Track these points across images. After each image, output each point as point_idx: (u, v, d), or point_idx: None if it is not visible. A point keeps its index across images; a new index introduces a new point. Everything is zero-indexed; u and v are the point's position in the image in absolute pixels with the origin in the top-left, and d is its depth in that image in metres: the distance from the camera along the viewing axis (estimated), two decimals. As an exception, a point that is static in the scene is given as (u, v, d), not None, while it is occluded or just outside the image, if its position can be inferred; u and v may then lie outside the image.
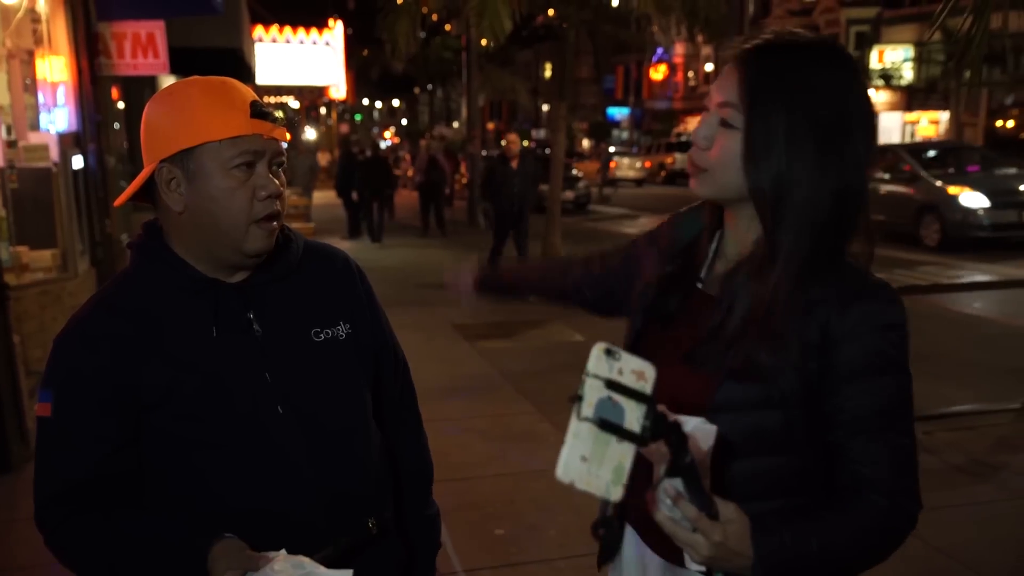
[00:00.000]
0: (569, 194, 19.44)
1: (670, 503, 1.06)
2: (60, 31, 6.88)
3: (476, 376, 6.24)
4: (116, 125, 9.36)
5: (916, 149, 15.07)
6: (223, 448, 1.34)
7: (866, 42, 34.27)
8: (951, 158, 14.54)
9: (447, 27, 25.01)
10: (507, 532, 3.77)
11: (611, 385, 0.98)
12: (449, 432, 4.86)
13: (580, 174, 22.57)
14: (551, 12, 13.24)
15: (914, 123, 34.27)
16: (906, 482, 1.21)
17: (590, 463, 0.96)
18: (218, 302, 1.35)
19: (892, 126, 34.89)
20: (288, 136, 1.37)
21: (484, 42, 11.51)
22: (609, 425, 0.97)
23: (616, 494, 0.97)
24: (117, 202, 1.42)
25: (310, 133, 37.56)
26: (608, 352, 0.99)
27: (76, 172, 6.91)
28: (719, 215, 1.35)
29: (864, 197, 1.24)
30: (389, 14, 13.58)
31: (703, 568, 1.13)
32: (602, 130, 45.16)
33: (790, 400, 1.20)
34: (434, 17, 17.00)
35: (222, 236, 1.32)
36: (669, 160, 34.14)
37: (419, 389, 1.71)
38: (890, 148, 15.61)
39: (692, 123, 45.56)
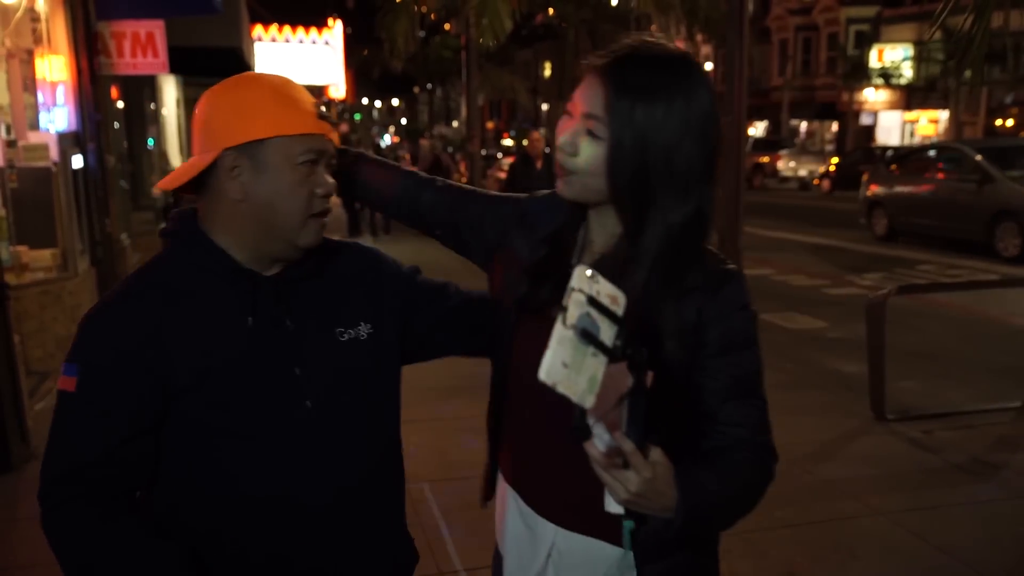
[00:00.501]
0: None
1: (608, 437, 1.11)
2: (60, 30, 6.88)
3: (477, 375, 6.25)
4: (116, 124, 9.36)
5: (987, 148, 13.13)
6: (249, 439, 1.34)
7: (866, 41, 34.29)
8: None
9: (446, 26, 25.01)
10: (507, 531, 3.78)
11: (591, 302, 1.07)
12: (449, 432, 4.85)
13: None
14: (551, 11, 13.25)
15: (913, 122, 34.29)
16: (767, 438, 1.34)
17: (570, 369, 1.04)
18: (256, 292, 1.37)
19: (891, 125, 34.93)
20: (338, 141, 1.42)
21: (483, 41, 11.51)
22: (588, 336, 1.05)
23: (589, 402, 1.05)
24: (170, 184, 1.40)
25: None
26: (589, 274, 1.08)
27: (76, 171, 6.91)
28: (583, 206, 1.41)
29: (713, 201, 1.34)
30: (388, 13, 13.59)
31: (620, 511, 1.18)
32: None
33: (669, 377, 1.28)
34: (433, 16, 17.01)
35: (278, 228, 1.35)
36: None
37: (419, 389, 1.73)
38: (946, 147, 14.88)
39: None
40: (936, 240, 12.94)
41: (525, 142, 11.04)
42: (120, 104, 10.13)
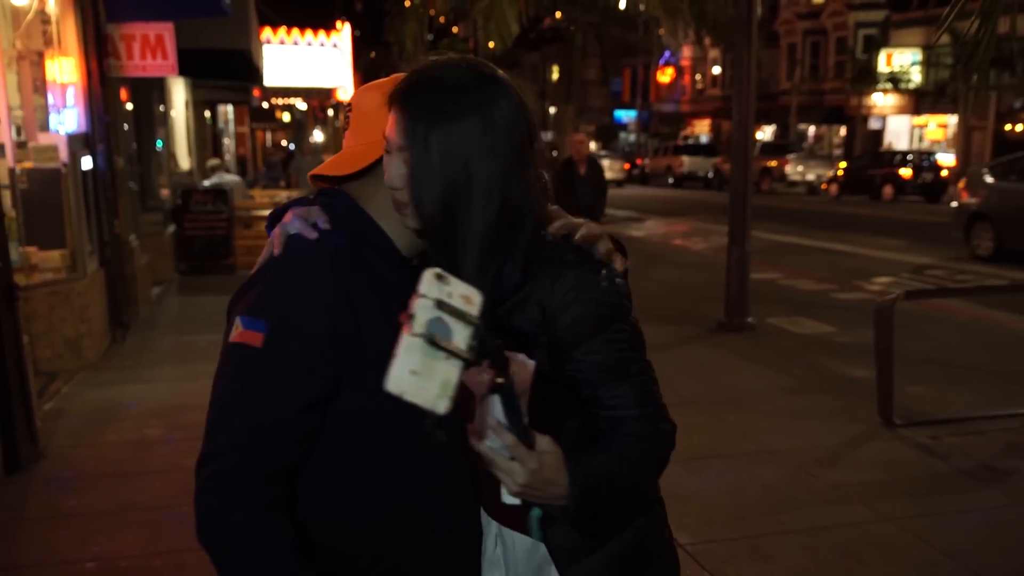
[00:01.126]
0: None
1: (492, 433, 1.12)
2: (70, 32, 6.91)
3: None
4: (125, 126, 9.39)
5: None
6: (385, 427, 1.30)
7: (874, 45, 34.21)
8: None
9: (454, 29, 25.05)
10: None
11: (441, 305, 1.05)
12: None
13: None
14: (558, 15, 13.26)
15: (922, 127, 34.19)
16: (655, 408, 1.35)
17: (419, 376, 1.03)
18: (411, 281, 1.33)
19: (900, 129, 34.83)
20: None
21: (491, 44, 11.53)
22: (434, 342, 1.04)
23: (442, 406, 1.05)
24: (345, 168, 1.39)
25: (317, 135, 37.63)
26: (439, 276, 1.06)
27: (85, 173, 6.94)
28: None
29: (527, 185, 1.34)
30: (397, 17, 13.64)
31: (516, 502, 1.19)
32: (609, 132, 45.14)
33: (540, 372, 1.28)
34: (441, 20, 17.04)
35: (386, 227, 1.36)
36: (679, 163, 34.10)
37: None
38: None
39: (699, 126, 45.56)
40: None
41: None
42: (129, 106, 10.17)
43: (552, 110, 43.47)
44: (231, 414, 1.24)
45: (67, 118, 6.75)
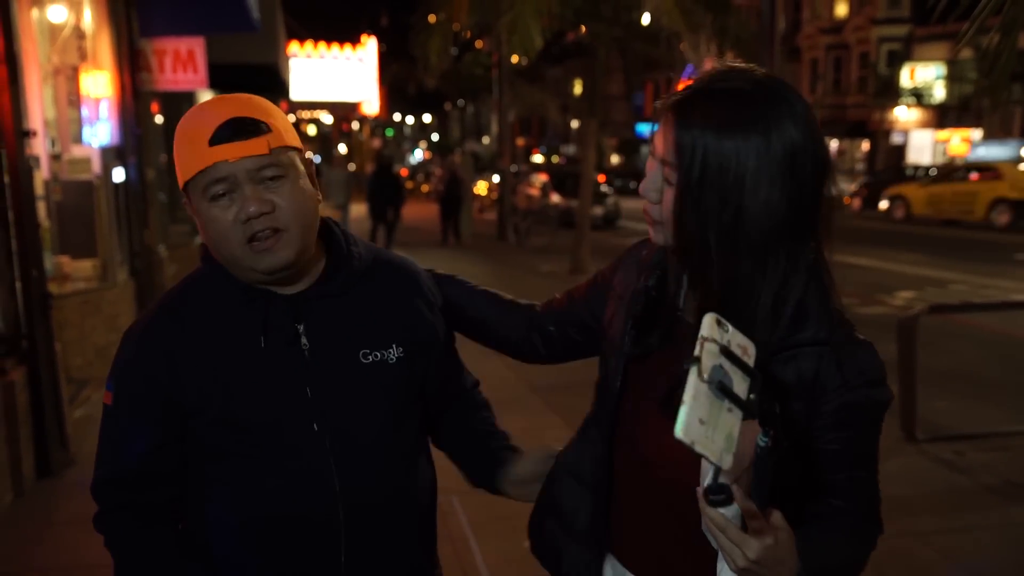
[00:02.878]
0: (598, 210, 19.49)
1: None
2: (104, 47, 7.06)
3: (504, 388, 6.28)
4: (155, 139, 9.56)
5: None
6: (250, 459, 1.37)
7: (897, 60, 34.02)
8: None
9: (478, 44, 25.21)
10: (536, 544, 3.80)
11: (724, 352, 1.00)
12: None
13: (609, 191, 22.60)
14: (582, 29, 13.32)
15: (945, 141, 33.93)
16: (876, 510, 1.30)
17: (707, 427, 0.96)
18: (268, 312, 1.37)
19: (923, 144, 34.57)
20: (266, 147, 1.29)
21: (515, 59, 11.61)
22: (725, 390, 0.98)
23: (727, 462, 0.98)
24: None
25: (342, 148, 37.88)
26: (719, 322, 1.01)
27: (117, 185, 7.07)
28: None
29: (814, 239, 1.22)
30: (422, 31, 13.75)
31: None
32: (630, 146, 45.14)
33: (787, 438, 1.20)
34: (466, 34, 17.16)
35: (228, 260, 1.34)
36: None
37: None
38: None
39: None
40: None
41: None
42: (160, 119, 10.34)
43: (575, 124, 43.58)
44: (104, 461, 1.45)
45: (100, 131, 6.89)
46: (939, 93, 33.17)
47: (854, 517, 1.26)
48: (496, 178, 22.48)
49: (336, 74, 20.95)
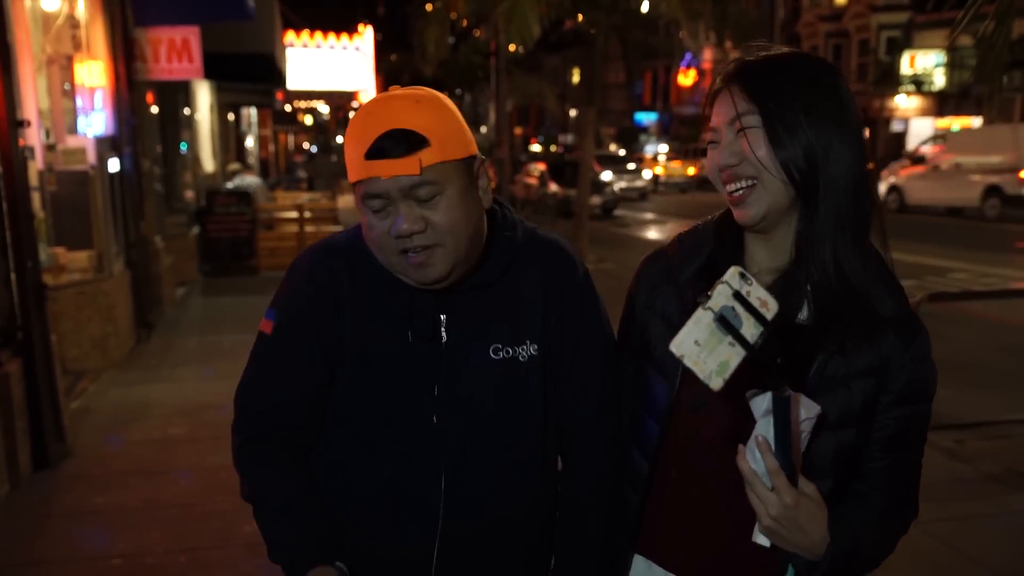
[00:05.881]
0: (597, 199, 19.46)
1: (758, 454, 1.13)
2: (98, 37, 7.00)
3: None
4: (151, 129, 9.51)
5: None
6: (367, 441, 1.38)
7: (897, 47, 33.93)
8: None
9: (476, 32, 25.13)
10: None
11: (738, 296, 1.11)
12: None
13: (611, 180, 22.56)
14: (580, 17, 13.26)
15: (946, 129, 33.89)
16: (915, 496, 1.34)
17: (701, 348, 1.09)
18: (413, 306, 1.37)
19: (923, 132, 34.52)
20: (417, 167, 1.26)
21: (512, 47, 11.56)
22: (726, 324, 1.10)
23: (716, 384, 1.10)
24: None
25: (340, 139, 37.84)
26: (742, 275, 1.12)
27: (112, 175, 7.03)
28: (733, 242, 1.37)
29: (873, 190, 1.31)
30: (419, 20, 13.70)
31: (766, 543, 1.18)
32: (629, 135, 45.07)
33: (859, 412, 1.28)
34: (463, 23, 17.10)
35: (384, 263, 1.34)
36: (698, 166, 33.95)
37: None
38: None
39: (720, 128, 45.24)
40: None
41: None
42: (155, 109, 10.28)
43: (573, 113, 43.49)
44: (254, 392, 1.44)
45: (95, 121, 6.84)
46: (939, 80, 33.10)
47: (890, 502, 1.29)
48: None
49: (333, 63, 20.86)
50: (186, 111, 12.86)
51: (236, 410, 1.45)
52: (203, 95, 14.40)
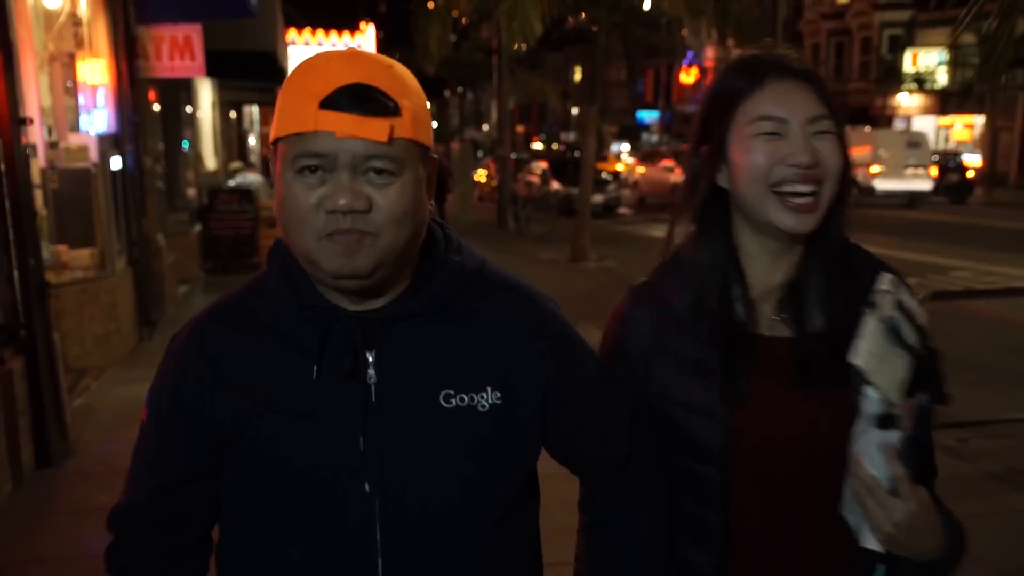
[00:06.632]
0: (599, 197, 19.46)
1: (880, 459, 1.10)
2: (100, 34, 7.01)
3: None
4: (153, 127, 9.52)
5: None
6: (278, 513, 1.12)
7: (899, 45, 33.88)
8: None
9: (478, 30, 25.12)
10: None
11: (899, 305, 1.12)
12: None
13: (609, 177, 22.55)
14: (582, 15, 13.25)
15: (948, 127, 33.83)
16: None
17: (879, 359, 1.09)
18: (328, 332, 1.09)
19: (925, 130, 34.51)
20: (386, 133, 1.02)
21: (515, 45, 11.55)
22: (895, 333, 1.10)
23: (896, 396, 1.10)
24: None
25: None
26: (894, 282, 1.14)
27: (114, 173, 7.03)
28: (722, 266, 1.29)
29: None
30: (420, 18, 13.69)
31: (878, 547, 1.14)
32: (631, 133, 45.04)
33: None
34: (464, 20, 17.09)
35: (296, 248, 1.08)
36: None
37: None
38: None
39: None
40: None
41: None
42: (157, 107, 10.29)
43: (575, 110, 43.46)
44: (130, 485, 1.24)
45: (97, 119, 6.85)
46: (941, 79, 33.05)
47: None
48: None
49: (335, 61, 20.85)
50: (188, 109, 12.86)
51: (112, 508, 1.25)
52: (205, 93, 14.41)
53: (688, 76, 45.84)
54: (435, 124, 57.09)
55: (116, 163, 7.10)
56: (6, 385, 4.25)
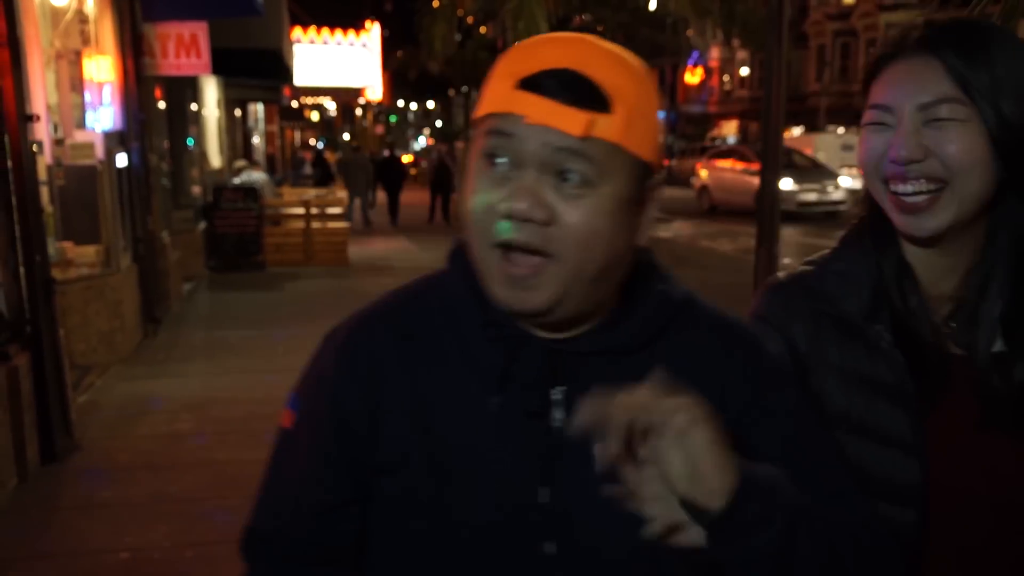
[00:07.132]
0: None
1: None
2: (107, 32, 7.03)
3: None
4: (158, 124, 9.55)
5: None
6: (439, 568, 0.96)
7: (906, 46, 33.88)
8: None
9: (483, 29, 25.14)
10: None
11: None
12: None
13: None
14: (588, 15, 13.26)
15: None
16: None
17: None
18: (512, 362, 0.93)
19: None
20: (582, 128, 0.85)
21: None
22: None
23: None
24: None
25: (346, 136, 37.86)
26: None
27: (120, 170, 7.05)
28: (893, 264, 1.13)
29: None
30: (426, 16, 13.71)
31: None
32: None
33: None
34: (470, 20, 17.11)
35: (471, 251, 0.93)
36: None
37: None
38: None
39: (726, 127, 45.29)
40: None
41: None
42: (162, 104, 10.31)
43: (579, 110, 43.39)
44: (267, 503, 1.05)
45: (103, 116, 6.88)
46: (946, 80, 33.04)
47: None
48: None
49: (340, 60, 20.89)
50: (193, 107, 12.89)
51: (244, 530, 1.05)
52: (210, 91, 14.43)
53: (693, 76, 45.86)
54: (439, 123, 57.14)
55: (122, 160, 7.12)
56: (12, 381, 4.26)
